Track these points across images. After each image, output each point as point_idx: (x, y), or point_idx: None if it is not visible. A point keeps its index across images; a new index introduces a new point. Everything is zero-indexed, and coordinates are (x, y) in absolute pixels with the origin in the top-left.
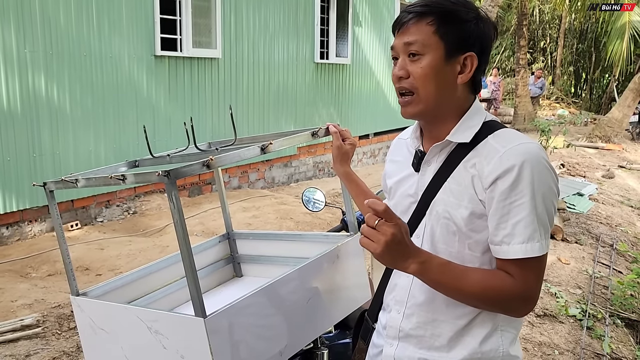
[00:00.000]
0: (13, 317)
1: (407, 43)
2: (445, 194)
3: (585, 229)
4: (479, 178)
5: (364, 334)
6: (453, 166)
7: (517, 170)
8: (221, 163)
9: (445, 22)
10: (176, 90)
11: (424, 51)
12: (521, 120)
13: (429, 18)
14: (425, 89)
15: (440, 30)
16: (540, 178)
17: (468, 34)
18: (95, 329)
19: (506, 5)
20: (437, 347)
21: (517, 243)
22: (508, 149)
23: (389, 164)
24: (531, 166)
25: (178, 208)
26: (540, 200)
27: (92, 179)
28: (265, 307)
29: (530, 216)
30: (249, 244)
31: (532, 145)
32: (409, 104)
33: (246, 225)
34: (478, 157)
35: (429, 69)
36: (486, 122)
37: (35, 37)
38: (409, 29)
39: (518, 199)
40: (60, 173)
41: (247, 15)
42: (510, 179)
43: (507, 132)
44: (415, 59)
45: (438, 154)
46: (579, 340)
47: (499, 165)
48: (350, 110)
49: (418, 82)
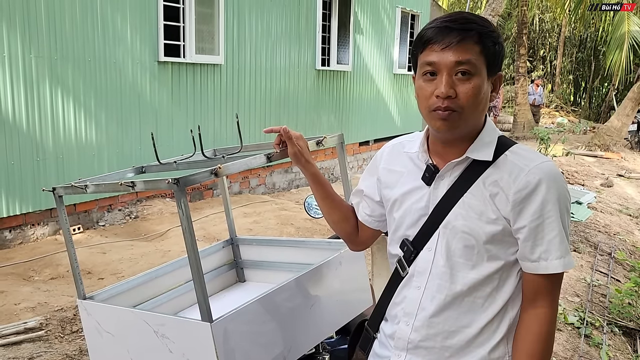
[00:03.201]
0: (16, 320)
1: (458, 62)
2: (464, 209)
3: (584, 238)
4: (505, 195)
5: (362, 344)
6: (470, 182)
7: (544, 189)
8: (229, 171)
9: (487, 43)
10: (179, 96)
11: (474, 71)
12: (520, 128)
13: (475, 37)
14: (471, 108)
15: (485, 51)
16: (562, 195)
17: (501, 55)
18: (102, 332)
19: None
20: (446, 357)
21: (555, 258)
22: (532, 168)
23: (387, 173)
24: (556, 184)
25: (187, 215)
26: (565, 216)
27: (101, 185)
28: (269, 313)
29: (561, 233)
30: (252, 250)
31: (551, 163)
32: (449, 120)
33: (247, 230)
34: (499, 173)
35: (478, 89)
36: (499, 138)
37: (40, 42)
38: (457, 47)
39: (549, 216)
40: (63, 177)
41: (249, 22)
42: (539, 198)
43: (524, 150)
44: (465, 78)
45: (451, 170)
46: (577, 348)
47: (526, 184)
48: (351, 117)
49: (467, 102)
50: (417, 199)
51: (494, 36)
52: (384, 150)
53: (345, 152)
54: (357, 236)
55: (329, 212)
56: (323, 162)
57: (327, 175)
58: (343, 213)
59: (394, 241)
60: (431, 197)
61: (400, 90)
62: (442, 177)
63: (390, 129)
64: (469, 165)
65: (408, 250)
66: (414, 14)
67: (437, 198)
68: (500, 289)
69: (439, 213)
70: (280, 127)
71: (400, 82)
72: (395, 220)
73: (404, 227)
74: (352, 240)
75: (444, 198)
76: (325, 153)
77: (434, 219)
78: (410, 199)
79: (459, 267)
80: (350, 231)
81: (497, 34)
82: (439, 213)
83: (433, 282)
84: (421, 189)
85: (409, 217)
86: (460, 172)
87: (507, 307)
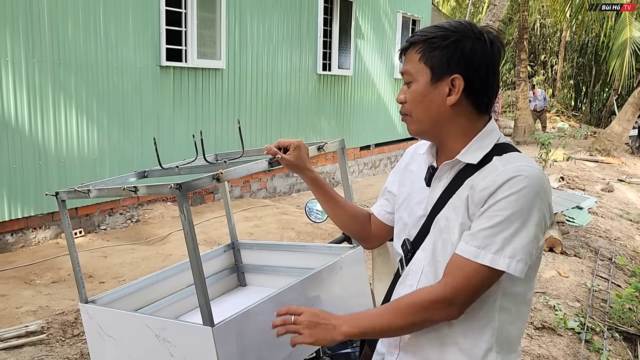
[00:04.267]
0: (18, 324)
1: (403, 72)
2: (448, 210)
3: (584, 242)
4: (473, 192)
5: (369, 341)
6: (459, 184)
7: (506, 185)
8: (230, 177)
9: (428, 49)
10: (180, 100)
11: (413, 78)
12: (521, 132)
13: (418, 46)
14: (415, 111)
15: (424, 57)
16: (527, 200)
17: (450, 57)
18: (103, 336)
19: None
20: (437, 354)
21: (473, 245)
22: (507, 168)
23: (406, 172)
24: (522, 185)
25: (189, 220)
26: (519, 220)
27: (104, 189)
28: (271, 316)
29: (495, 230)
30: (253, 254)
31: (532, 170)
32: (407, 124)
33: (248, 234)
34: (478, 175)
35: (415, 93)
36: (498, 145)
37: (43, 47)
38: (405, 59)
39: (496, 209)
40: (65, 181)
41: (251, 27)
42: (499, 194)
43: (515, 155)
44: (408, 86)
45: (448, 172)
46: (578, 353)
47: (492, 182)
48: (352, 122)
49: (410, 105)
50: (419, 200)
51: (435, 41)
52: (409, 150)
53: (346, 157)
54: (369, 234)
55: (334, 214)
56: (324, 167)
57: (327, 180)
58: (348, 213)
59: (399, 240)
60: (429, 198)
61: None
62: (439, 179)
63: (391, 134)
64: (462, 168)
65: (406, 250)
66: (415, 19)
67: (434, 200)
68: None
69: (432, 214)
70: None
71: (401, 87)
72: (402, 220)
73: (409, 227)
74: (363, 239)
75: (438, 200)
76: (325, 157)
77: (428, 220)
78: (414, 200)
79: (440, 267)
80: (359, 229)
81: (442, 37)
82: (432, 214)
83: (422, 281)
84: (423, 190)
85: (412, 218)
86: (454, 175)
87: (491, 312)
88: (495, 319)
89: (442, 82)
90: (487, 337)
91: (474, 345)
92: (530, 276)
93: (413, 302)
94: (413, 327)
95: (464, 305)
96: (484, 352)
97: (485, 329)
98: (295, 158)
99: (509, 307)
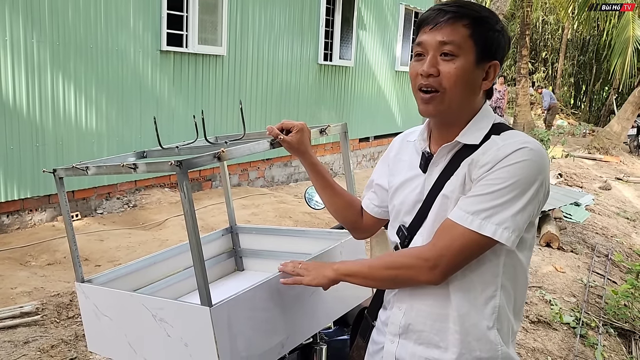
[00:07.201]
0: (12, 304)
1: (442, 42)
2: (447, 190)
3: (581, 239)
4: (472, 168)
5: (362, 331)
6: (456, 165)
7: (511, 156)
8: (232, 156)
9: (479, 28)
10: (180, 86)
11: (458, 52)
12: (520, 129)
13: (465, 20)
14: (453, 89)
15: (475, 35)
16: (531, 171)
17: (497, 43)
18: (100, 316)
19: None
20: (436, 341)
21: (463, 210)
22: (508, 142)
23: (395, 162)
24: (528, 157)
25: (189, 198)
26: (516, 190)
27: (103, 167)
28: (268, 300)
29: (488, 197)
30: (251, 239)
31: (537, 143)
32: (432, 101)
33: (245, 222)
34: (478, 152)
35: (461, 70)
36: (495, 124)
37: (42, 27)
38: (444, 27)
39: (495, 178)
40: (62, 163)
41: (252, 14)
42: (500, 162)
43: (513, 132)
44: (448, 58)
45: (446, 155)
46: (572, 347)
47: (495, 156)
48: (352, 113)
49: (448, 82)
50: (414, 186)
51: (490, 22)
52: (396, 140)
53: (349, 143)
54: (361, 224)
55: (329, 201)
56: (323, 157)
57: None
58: (344, 201)
59: (393, 228)
60: (425, 184)
61: (402, 87)
62: (436, 164)
63: (391, 126)
64: (459, 150)
65: (403, 236)
66: (418, 11)
67: (430, 184)
68: (475, 270)
69: (429, 199)
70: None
71: (401, 80)
72: (395, 208)
73: (402, 214)
74: (355, 229)
75: (435, 184)
76: (325, 148)
77: (425, 205)
78: (408, 187)
79: None
80: (353, 219)
81: (494, 21)
82: (429, 199)
83: None
84: (418, 177)
85: (406, 204)
86: (451, 157)
87: (492, 292)
88: (495, 296)
89: (482, 66)
90: (489, 311)
91: (480, 325)
92: (526, 257)
93: (400, 259)
94: (395, 281)
95: (447, 269)
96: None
97: (486, 307)
98: (297, 141)
99: (507, 284)
